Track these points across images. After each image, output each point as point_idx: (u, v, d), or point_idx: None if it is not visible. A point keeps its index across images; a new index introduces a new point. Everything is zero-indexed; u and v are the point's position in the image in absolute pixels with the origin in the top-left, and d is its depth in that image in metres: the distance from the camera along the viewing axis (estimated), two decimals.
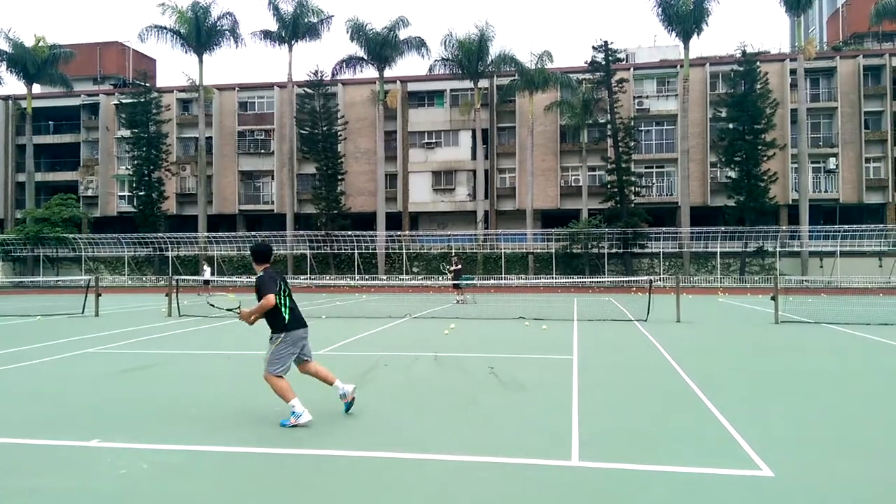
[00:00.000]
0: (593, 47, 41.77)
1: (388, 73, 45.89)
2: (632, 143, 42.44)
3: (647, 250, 42.28)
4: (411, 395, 7.86)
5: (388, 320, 17.22)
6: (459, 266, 25.61)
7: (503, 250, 43.85)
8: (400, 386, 8.43)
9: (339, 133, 46.14)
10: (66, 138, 53.14)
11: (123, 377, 9.11)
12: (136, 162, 46.76)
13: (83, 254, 47.45)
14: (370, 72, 46.27)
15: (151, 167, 46.56)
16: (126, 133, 48.24)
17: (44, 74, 48.31)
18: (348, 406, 6.70)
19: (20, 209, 49.90)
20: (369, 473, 4.95)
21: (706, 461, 5.15)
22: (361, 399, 7.75)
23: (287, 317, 6.42)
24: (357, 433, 6.08)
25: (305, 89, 45.44)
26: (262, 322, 6.64)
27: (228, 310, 7.00)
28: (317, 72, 44.61)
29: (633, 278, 34.91)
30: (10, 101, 51.96)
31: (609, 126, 42.34)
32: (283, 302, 6.43)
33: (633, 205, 42.19)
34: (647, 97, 46.44)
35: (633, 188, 42.18)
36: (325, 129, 44.68)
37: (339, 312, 20.26)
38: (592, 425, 6.25)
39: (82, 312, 19.25)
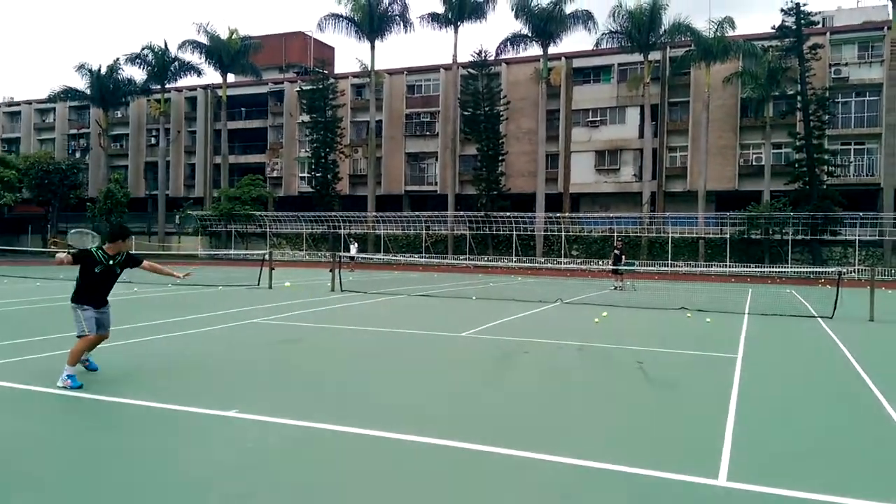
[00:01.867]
0: (782, 10, 38.02)
1: (552, 49, 44.85)
2: (825, 117, 37.95)
3: (839, 238, 37.79)
4: (545, 388, 7.42)
5: (537, 305, 16.78)
6: (620, 251, 24.40)
7: (671, 234, 41.35)
8: (535, 376, 8.03)
9: (501, 113, 45.95)
10: (255, 123, 57.96)
11: (275, 349, 9.57)
12: (314, 145, 49.97)
13: (268, 230, 51.71)
14: (535, 50, 45.51)
15: (327, 150, 49.49)
16: (306, 118, 51.64)
17: (236, 64, 52.87)
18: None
19: (216, 189, 55.39)
20: (475, 470, 4.65)
21: (885, 494, 4.25)
22: (493, 388, 7.49)
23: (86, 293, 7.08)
24: (481, 425, 5.80)
25: (470, 70, 45.68)
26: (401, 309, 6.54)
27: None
28: (480, 52, 44.67)
29: (821, 269, 31.35)
30: (209, 91, 57.57)
31: (799, 98, 38.15)
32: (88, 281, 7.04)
33: (824, 186, 37.84)
34: (845, 64, 41.15)
35: (825, 167, 37.79)
36: (487, 109, 44.70)
37: (490, 294, 20.14)
38: (750, 438, 5.47)
39: (257, 284, 20.81)
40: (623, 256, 24.63)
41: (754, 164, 42.90)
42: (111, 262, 7.14)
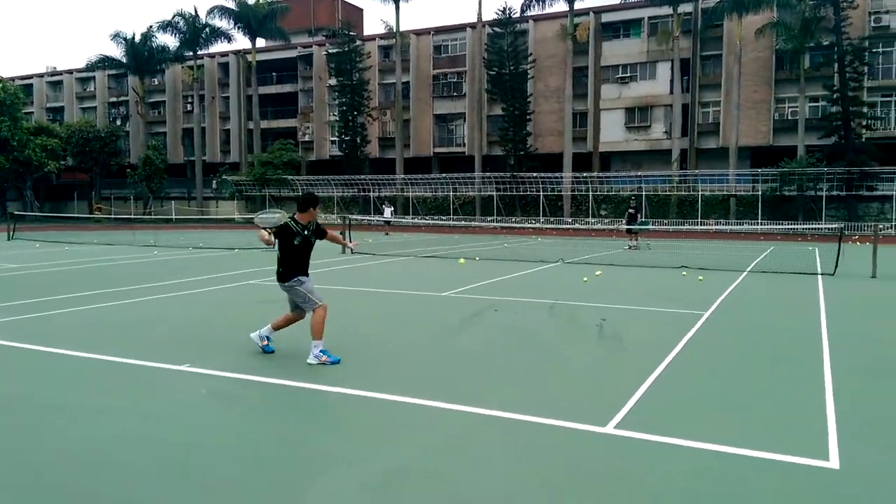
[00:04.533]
0: None
1: (579, 4, 44.00)
2: (863, 68, 36.42)
3: (875, 193, 36.57)
4: (487, 343, 7.72)
5: (537, 265, 16.98)
6: (634, 210, 24.26)
7: (700, 192, 40.62)
8: (487, 332, 8.32)
9: (527, 72, 45.36)
10: (286, 88, 58.49)
11: (257, 308, 10.06)
12: (342, 108, 50.29)
13: (300, 194, 52.54)
14: (561, 6, 44.57)
15: (355, 113, 49.76)
16: (335, 82, 51.88)
17: (265, 29, 53.25)
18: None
19: (251, 154, 56.41)
20: (372, 413, 5.01)
21: (759, 443, 4.45)
22: (435, 343, 7.83)
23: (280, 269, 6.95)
24: (399, 377, 6.16)
25: (495, 29, 45.07)
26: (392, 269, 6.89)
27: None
28: (505, 9, 43.96)
29: (822, 226, 30.46)
30: (240, 56, 58.19)
31: (835, 49, 36.63)
32: (284, 256, 6.89)
33: (861, 140, 36.51)
34: (886, 12, 39.14)
35: (862, 120, 36.41)
36: (512, 68, 44.20)
37: (497, 255, 20.38)
38: (660, 392, 5.68)
39: (273, 247, 21.40)
40: (637, 215, 24.49)
41: (789, 118, 41.58)
42: (306, 232, 6.98)
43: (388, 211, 36.03)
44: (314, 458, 4.30)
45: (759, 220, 37.72)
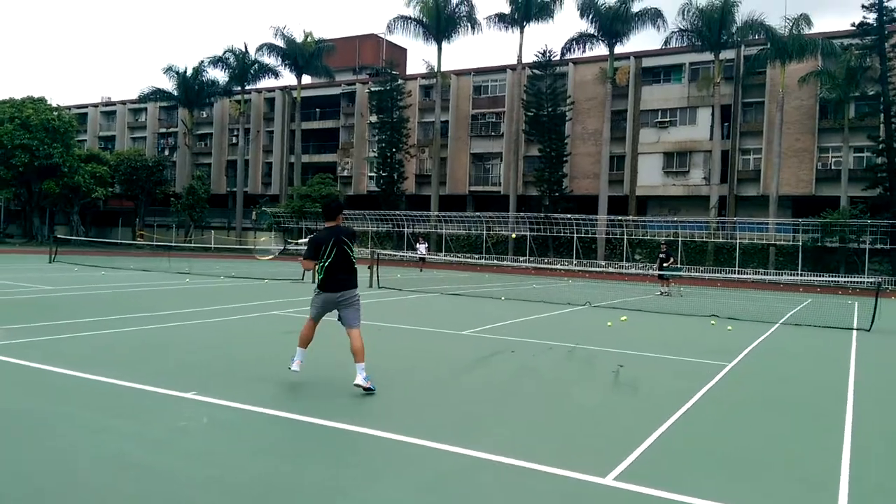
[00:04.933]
0: (863, 6, 35.71)
1: (620, 49, 44.12)
2: None
3: None
4: (498, 384, 7.57)
5: (563, 307, 16.76)
6: (666, 254, 23.88)
7: (738, 240, 39.85)
8: (498, 374, 8.17)
9: (565, 114, 45.57)
10: (328, 124, 59.78)
11: (277, 339, 10.12)
12: (381, 145, 51.12)
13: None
14: (601, 49, 44.88)
15: (393, 150, 50.51)
16: (375, 119, 52.89)
17: (311, 66, 54.77)
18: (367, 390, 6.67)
19: (291, 186, 57.52)
20: (368, 452, 4.93)
21: (765, 502, 4.24)
22: (440, 381, 7.73)
23: (322, 277, 6.91)
24: (401, 415, 6.07)
25: (535, 71, 45.53)
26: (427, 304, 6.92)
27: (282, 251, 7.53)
28: (545, 52, 44.44)
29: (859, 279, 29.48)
30: (286, 92, 59.83)
31: (881, 98, 35.96)
32: (323, 264, 6.84)
33: None
34: None
35: None
36: (550, 110, 44.45)
37: (525, 295, 20.20)
38: (668, 443, 5.47)
39: (302, 279, 21.68)
40: (671, 260, 24.10)
41: (833, 167, 40.75)
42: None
43: (422, 248, 36.21)
44: (300, 491, 4.23)
45: (799, 272, 36.73)
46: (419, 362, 8.82)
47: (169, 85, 57.27)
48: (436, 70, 49.20)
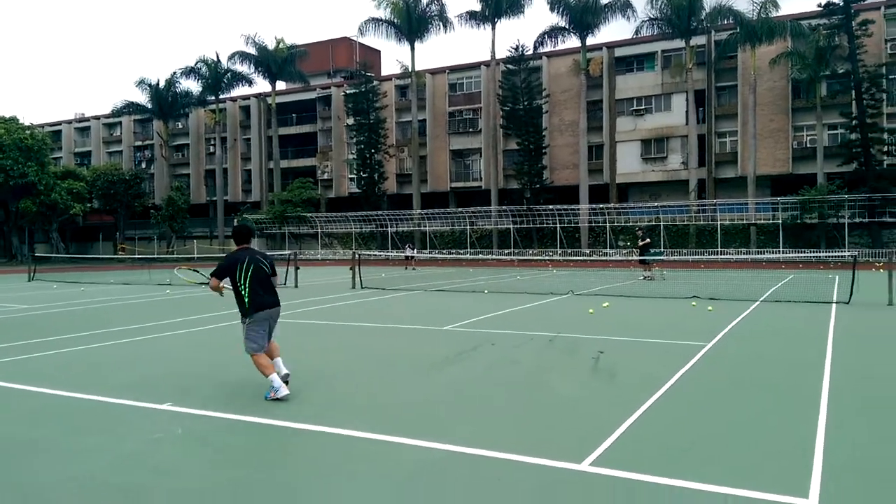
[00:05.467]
0: None
1: (591, 40, 44.29)
2: (881, 95, 36.04)
3: None
4: (476, 378, 7.57)
5: (546, 297, 16.80)
6: (647, 240, 24.02)
7: (719, 222, 40.16)
8: (477, 367, 8.16)
9: (541, 107, 45.67)
10: (306, 128, 59.48)
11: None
12: (360, 146, 50.96)
13: (319, 230, 53.10)
14: (574, 41, 44.97)
15: (372, 151, 50.39)
16: (353, 121, 52.70)
17: (284, 72, 54.47)
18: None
19: (271, 192, 57.23)
20: (345, 451, 4.90)
21: (739, 480, 4.26)
22: (418, 376, 7.71)
23: (247, 301, 6.64)
24: (376, 413, 6.04)
25: (509, 66, 45.56)
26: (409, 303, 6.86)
27: (199, 283, 7.30)
28: (517, 47, 44.52)
29: (831, 254, 29.81)
30: (260, 99, 59.48)
31: (851, 76, 36.36)
32: (243, 286, 6.64)
33: (882, 166, 35.92)
34: None
35: (882, 147, 35.86)
36: (526, 104, 44.55)
37: (508, 287, 20.22)
38: (643, 427, 5.49)
39: (284, 283, 21.53)
40: (649, 245, 24.24)
41: (808, 145, 41.17)
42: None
43: (409, 249, 36.53)
44: (271, 495, 4.19)
45: (781, 249, 37.08)
46: (397, 359, 8.79)
47: (142, 98, 56.85)
48: (410, 70, 49.12)
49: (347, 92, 52.82)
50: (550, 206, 43.99)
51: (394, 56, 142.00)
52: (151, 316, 13.71)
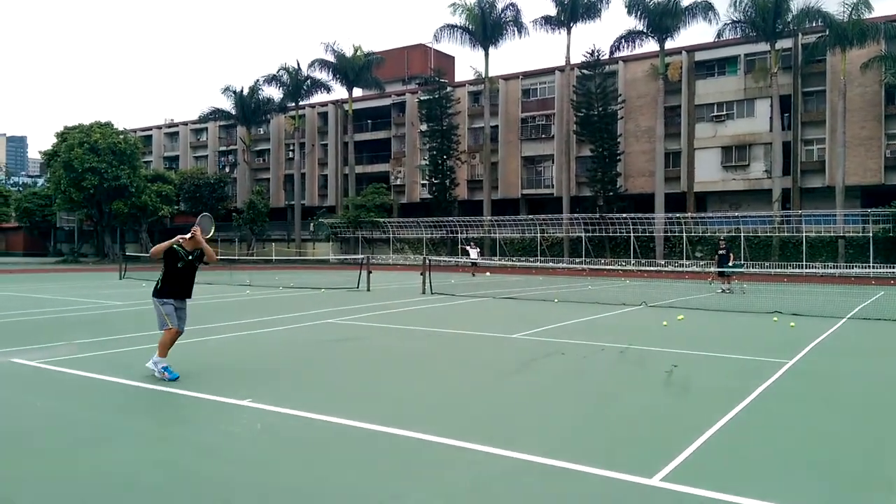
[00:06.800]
0: None
1: (670, 44, 43.27)
2: None
3: None
4: (545, 388, 7.54)
5: (618, 307, 16.50)
6: (725, 251, 23.21)
7: (804, 234, 38.37)
8: (546, 377, 8.12)
9: (616, 113, 44.91)
10: (380, 134, 60.61)
11: (325, 346, 10.34)
12: (432, 152, 51.49)
13: (391, 235, 53.92)
14: (652, 45, 44.02)
15: (444, 157, 50.81)
16: (426, 127, 53.30)
17: (361, 79, 55.71)
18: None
19: (346, 197, 58.51)
20: (413, 455, 4.99)
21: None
22: (487, 384, 7.73)
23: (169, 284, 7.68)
24: (449, 419, 6.11)
25: (584, 71, 45.05)
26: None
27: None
28: (593, 51, 43.95)
29: None
30: (338, 106, 60.98)
31: None
32: (176, 266, 7.57)
33: None
34: None
35: None
36: (601, 109, 43.90)
37: (578, 297, 19.98)
38: (720, 444, 5.34)
39: (357, 287, 22.03)
40: (730, 256, 23.42)
41: None
42: (190, 257, 7.64)
43: (473, 252, 36.00)
44: (337, 495, 4.32)
45: (871, 264, 35.08)
46: (466, 366, 8.85)
47: (227, 104, 59.25)
48: (483, 76, 49.31)
49: (421, 98, 53.46)
50: (624, 215, 43.15)
51: (467, 62, 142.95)
52: (233, 315, 14.26)
